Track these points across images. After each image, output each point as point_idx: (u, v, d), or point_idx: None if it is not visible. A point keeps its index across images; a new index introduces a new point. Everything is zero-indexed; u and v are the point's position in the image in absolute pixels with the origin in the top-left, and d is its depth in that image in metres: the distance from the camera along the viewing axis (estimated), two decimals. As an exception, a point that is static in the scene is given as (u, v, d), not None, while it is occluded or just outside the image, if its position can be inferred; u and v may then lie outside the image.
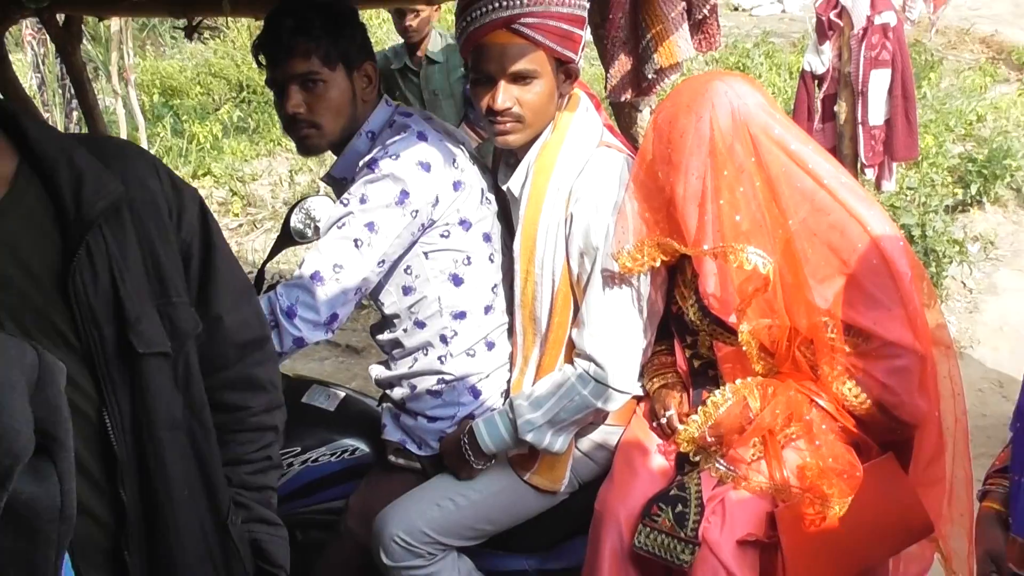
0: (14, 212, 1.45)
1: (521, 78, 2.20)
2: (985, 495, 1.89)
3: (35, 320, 1.45)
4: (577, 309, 2.29)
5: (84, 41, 5.76)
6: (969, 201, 6.88)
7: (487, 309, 2.40)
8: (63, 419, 0.90)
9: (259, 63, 2.37)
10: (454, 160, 2.33)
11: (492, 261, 2.41)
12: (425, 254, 2.33)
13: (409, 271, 2.34)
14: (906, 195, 6.49)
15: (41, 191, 1.48)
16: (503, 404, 2.36)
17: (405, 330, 2.40)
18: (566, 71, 2.28)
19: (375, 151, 2.31)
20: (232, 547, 1.72)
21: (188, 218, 1.63)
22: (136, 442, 1.54)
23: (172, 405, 1.58)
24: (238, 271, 1.77)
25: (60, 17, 4.60)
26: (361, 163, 2.32)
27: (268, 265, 2.75)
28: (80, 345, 1.48)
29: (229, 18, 7.51)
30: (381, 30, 9.47)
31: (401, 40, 5.00)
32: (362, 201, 2.24)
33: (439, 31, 5.01)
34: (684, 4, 2.70)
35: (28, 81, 9.01)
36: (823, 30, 5.42)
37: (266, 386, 1.82)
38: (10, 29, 5.37)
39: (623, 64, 2.78)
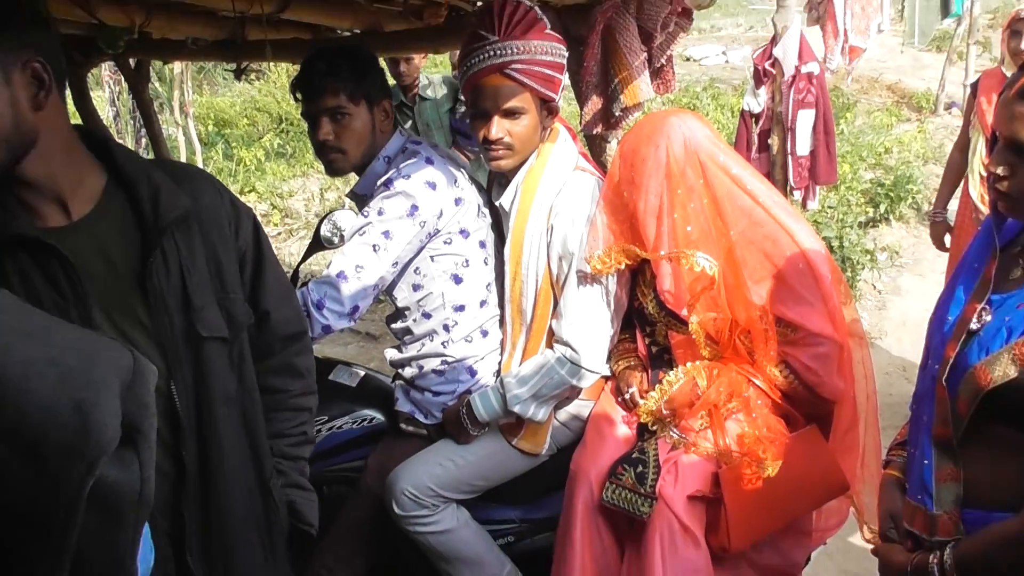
0: (103, 219, 1.49)
1: (511, 114, 2.20)
2: (888, 464, 1.87)
3: (118, 308, 1.48)
4: (556, 303, 2.28)
5: (152, 80, 5.73)
6: (878, 218, 6.90)
7: (482, 303, 2.39)
8: (149, 415, 0.89)
9: (296, 98, 2.37)
10: (455, 181, 2.32)
11: (486, 264, 2.40)
12: (431, 257, 2.32)
13: (418, 271, 2.33)
14: (827, 213, 6.51)
15: (125, 203, 1.51)
16: (495, 381, 2.35)
17: (414, 320, 2.39)
18: (548, 108, 2.27)
19: (391, 173, 2.31)
20: (273, 506, 1.73)
21: (244, 231, 1.66)
22: (197, 412, 1.55)
23: (227, 383, 1.59)
24: (282, 276, 1.78)
25: (132, 61, 4.59)
26: (379, 182, 2.32)
27: (302, 266, 2.74)
28: (153, 329, 1.50)
29: (271, 62, 7.50)
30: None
31: (394, 81, 5.09)
32: (380, 213, 2.24)
33: (426, 75, 5.14)
34: (645, 54, 2.70)
35: (106, 113, 9.01)
36: (759, 77, 5.44)
37: (304, 373, 1.84)
38: (91, 71, 5.34)
39: (595, 103, 2.77)
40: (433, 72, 6.78)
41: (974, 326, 1.54)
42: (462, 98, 5.56)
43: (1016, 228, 1.63)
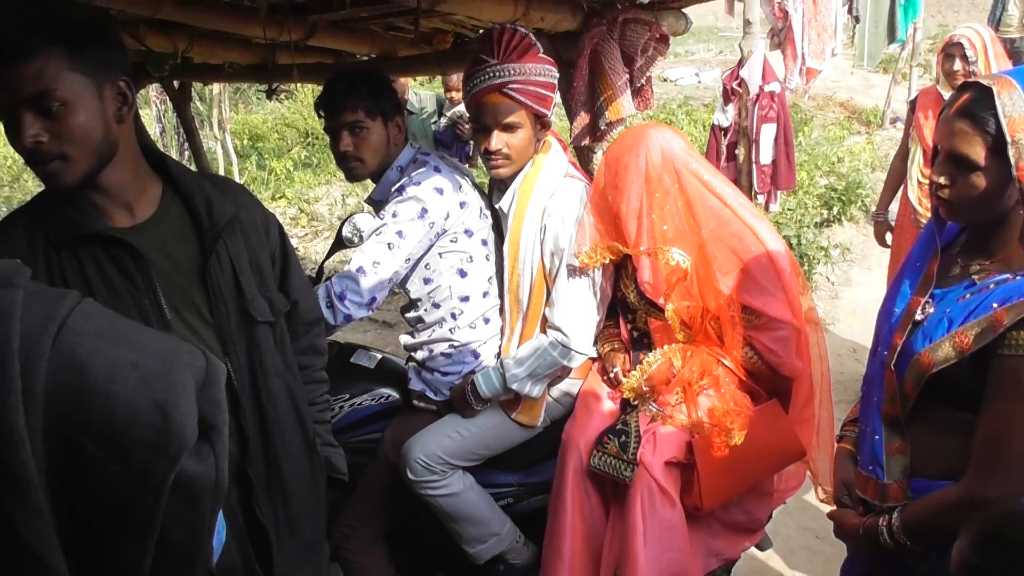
0: (163, 222, 1.53)
1: (509, 128, 2.20)
2: (841, 438, 1.88)
3: (181, 299, 1.52)
4: (549, 294, 2.28)
5: (193, 100, 5.72)
6: (831, 219, 6.89)
7: (484, 294, 2.39)
8: (221, 411, 0.90)
9: (320, 115, 2.38)
10: (460, 187, 2.32)
11: (488, 259, 2.40)
12: (440, 254, 2.32)
13: (428, 267, 2.33)
14: (787, 214, 6.50)
15: (181, 209, 1.56)
16: (496, 363, 2.35)
17: (425, 310, 2.39)
18: (542, 123, 2.27)
19: (403, 180, 2.30)
20: (317, 461, 1.78)
21: (273, 233, 1.70)
22: (253, 386, 1.60)
23: (275, 360, 1.64)
24: (303, 272, 1.82)
25: (176, 83, 4.59)
26: (393, 189, 2.31)
27: (326, 263, 2.73)
28: (211, 317, 1.55)
29: (298, 83, 7.48)
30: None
31: None
32: (394, 216, 2.23)
33: (414, 91, 5.32)
34: (627, 75, 2.69)
35: (153, 130, 8.99)
36: (728, 95, 5.42)
37: (323, 352, 1.90)
38: (140, 92, 5.33)
39: (583, 118, 2.77)
40: (422, 90, 6.81)
41: (919, 317, 1.54)
42: (445, 113, 5.63)
43: (955, 231, 1.63)
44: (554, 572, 2.20)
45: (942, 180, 1.49)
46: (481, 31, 2.87)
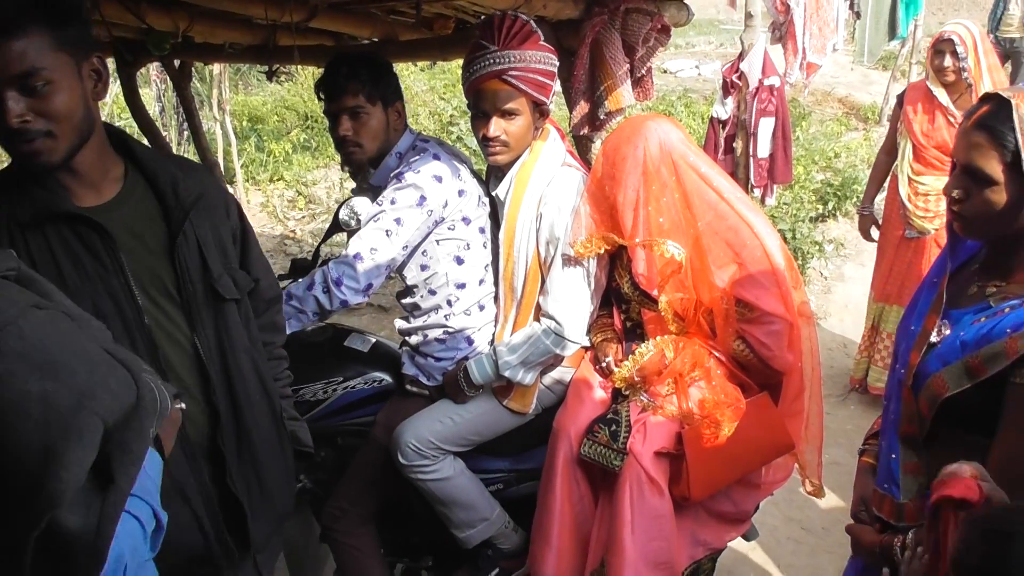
0: (129, 201, 1.53)
1: (507, 114, 2.19)
2: (863, 452, 1.83)
3: (149, 278, 1.52)
4: (543, 282, 2.27)
5: (193, 80, 5.69)
6: (827, 214, 6.88)
7: (480, 281, 2.38)
8: (129, 462, 0.83)
9: (320, 98, 2.36)
10: (459, 174, 2.31)
11: (484, 247, 2.39)
12: (437, 241, 2.31)
13: (425, 253, 2.32)
14: (782, 208, 6.49)
15: (146, 188, 1.56)
16: (489, 349, 2.34)
17: (421, 296, 2.38)
18: (540, 111, 2.26)
19: (402, 166, 2.29)
20: (284, 433, 1.81)
21: (233, 213, 1.71)
22: (222, 363, 1.61)
23: (242, 336, 1.66)
24: (262, 251, 1.84)
25: (176, 62, 4.56)
26: (392, 175, 2.30)
27: (322, 247, 2.72)
28: (179, 296, 1.55)
29: (299, 66, 7.44)
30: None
31: None
32: (392, 203, 2.22)
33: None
34: (628, 65, 2.68)
35: (153, 109, 8.93)
36: (727, 88, 5.40)
37: (282, 329, 1.93)
38: (140, 70, 5.29)
39: (583, 107, 2.76)
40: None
41: (934, 339, 1.50)
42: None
43: (975, 247, 1.58)
44: (542, 558, 2.21)
45: (956, 194, 1.44)
46: (483, 17, 2.85)
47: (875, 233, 4.41)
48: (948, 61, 3.80)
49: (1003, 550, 1.08)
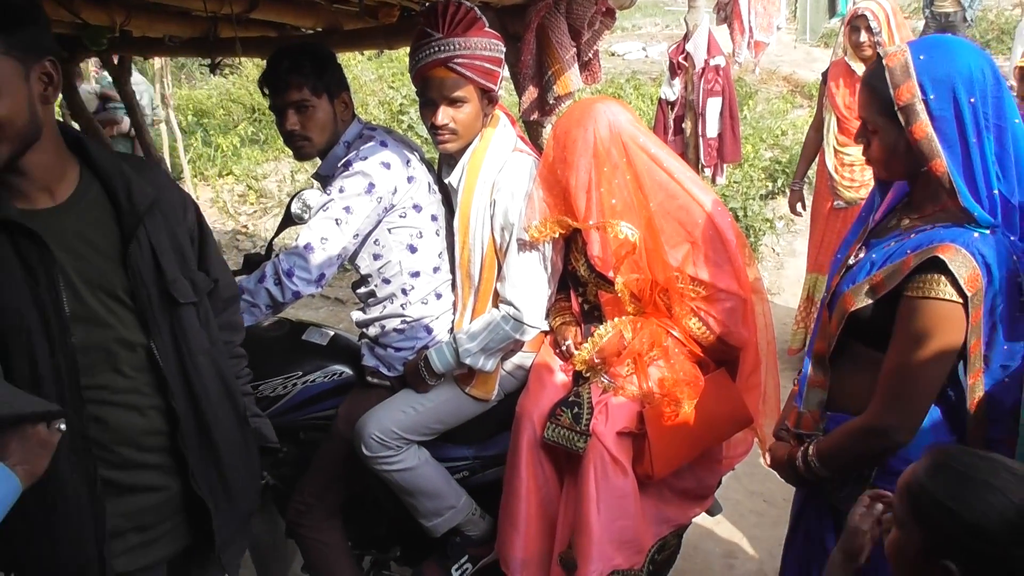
0: (83, 204, 1.49)
1: (455, 102, 2.17)
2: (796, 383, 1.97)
3: (99, 283, 1.49)
4: (500, 268, 2.27)
5: (134, 74, 5.56)
6: (776, 191, 6.99)
7: (435, 269, 2.37)
8: None
9: (264, 93, 2.32)
10: (408, 161, 2.29)
11: (438, 235, 2.37)
12: (388, 230, 2.29)
13: (377, 242, 2.30)
14: (733, 187, 6.57)
15: (100, 191, 1.51)
16: (449, 338, 2.34)
17: (376, 286, 2.36)
18: (489, 97, 2.25)
19: (350, 155, 2.26)
20: (248, 432, 1.79)
21: (190, 213, 1.68)
22: (180, 366, 1.58)
23: (200, 338, 1.63)
24: (219, 250, 1.83)
25: (115, 57, 4.45)
26: (340, 164, 2.27)
27: (275, 240, 2.69)
28: (133, 302, 1.52)
29: (243, 58, 7.31)
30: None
31: None
32: (340, 191, 2.20)
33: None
34: (575, 49, 2.68)
35: (92, 106, 8.69)
36: (674, 69, 5.44)
37: (241, 328, 1.90)
38: (78, 66, 5.15)
39: (531, 92, 2.76)
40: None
41: (851, 261, 1.67)
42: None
43: (904, 190, 1.72)
44: (510, 542, 2.21)
45: (860, 143, 1.63)
46: (427, 4, 2.83)
47: (801, 209, 4.57)
48: (864, 36, 3.95)
49: (958, 489, 1.15)
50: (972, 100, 1.46)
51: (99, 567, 1.51)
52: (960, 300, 1.46)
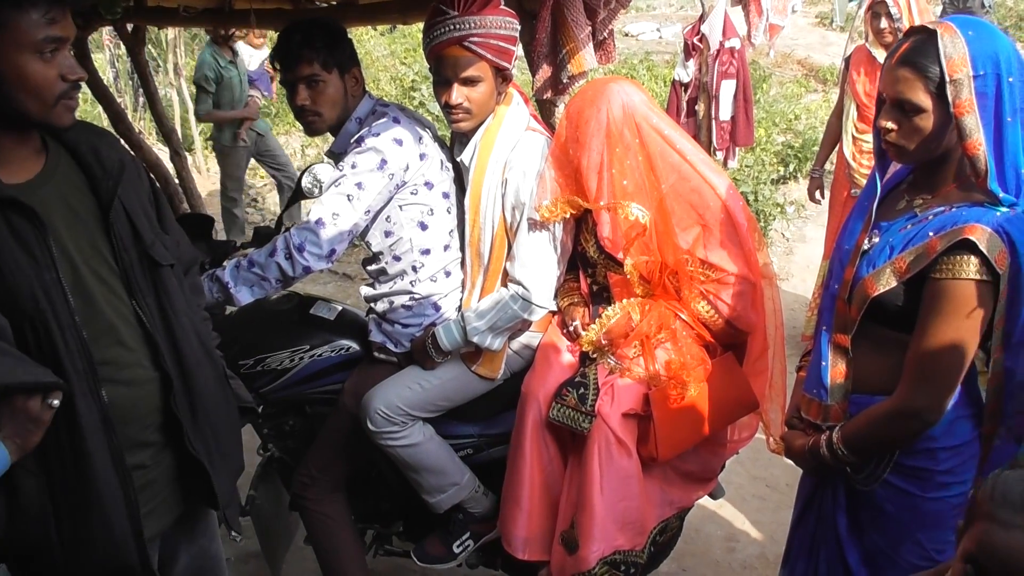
0: (57, 174, 1.51)
1: (469, 81, 2.16)
2: (800, 368, 1.99)
3: (88, 249, 1.51)
4: (510, 247, 2.26)
5: (148, 44, 5.55)
6: (788, 176, 6.96)
7: (445, 247, 2.36)
8: None
9: (275, 67, 2.31)
10: (420, 138, 2.28)
11: (449, 212, 2.37)
12: (400, 206, 2.28)
13: (388, 219, 2.30)
14: (744, 171, 6.53)
15: (70, 160, 1.53)
16: (456, 315, 2.34)
17: (386, 262, 2.36)
18: (503, 76, 2.23)
19: (362, 131, 2.26)
20: (229, 390, 1.83)
21: (144, 177, 1.70)
22: (166, 328, 1.61)
23: (181, 299, 1.66)
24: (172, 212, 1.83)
25: (129, 26, 4.44)
26: (352, 140, 2.27)
27: (284, 214, 2.69)
28: (117, 266, 1.54)
29: (256, 29, 7.26)
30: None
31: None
32: (353, 167, 2.19)
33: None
34: (590, 28, 2.65)
35: (106, 74, 8.69)
36: (688, 51, 5.40)
37: (203, 291, 1.95)
38: (92, 35, 5.14)
39: (545, 71, 2.73)
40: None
41: (865, 247, 1.66)
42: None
43: (904, 172, 1.75)
44: (512, 521, 2.22)
45: (889, 125, 1.59)
46: (443, -21, 2.80)
47: (820, 196, 4.55)
48: (884, 23, 3.91)
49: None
50: (1011, 80, 1.47)
51: (135, 543, 1.53)
52: (990, 279, 1.48)
